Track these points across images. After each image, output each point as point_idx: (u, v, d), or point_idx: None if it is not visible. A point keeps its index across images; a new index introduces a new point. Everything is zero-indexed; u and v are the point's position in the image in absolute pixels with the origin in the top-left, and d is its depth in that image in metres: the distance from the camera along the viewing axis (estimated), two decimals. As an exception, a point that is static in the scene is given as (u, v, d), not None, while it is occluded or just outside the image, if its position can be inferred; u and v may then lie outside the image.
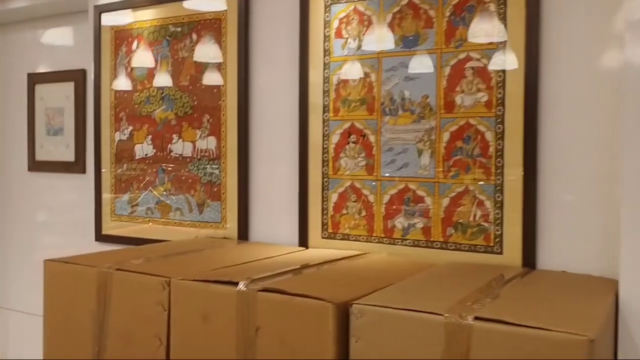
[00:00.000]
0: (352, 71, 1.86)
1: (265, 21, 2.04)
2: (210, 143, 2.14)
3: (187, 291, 1.39)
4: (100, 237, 2.42)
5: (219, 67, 2.11)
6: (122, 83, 2.34)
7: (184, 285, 1.40)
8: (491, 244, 1.67)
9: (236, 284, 1.33)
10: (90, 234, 2.46)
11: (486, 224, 1.67)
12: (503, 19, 1.64)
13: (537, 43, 1.59)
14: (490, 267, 1.60)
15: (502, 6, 1.64)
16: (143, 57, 2.28)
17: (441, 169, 1.73)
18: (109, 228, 2.40)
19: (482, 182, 1.67)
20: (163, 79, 2.24)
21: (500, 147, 1.65)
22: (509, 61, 1.63)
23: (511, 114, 1.63)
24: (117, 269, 1.51)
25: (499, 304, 1.20)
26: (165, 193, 2.25)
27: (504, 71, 1.64)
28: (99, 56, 2.40)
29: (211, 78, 2.13)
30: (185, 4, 2.17)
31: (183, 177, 2.20)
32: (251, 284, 1.32)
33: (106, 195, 2.40)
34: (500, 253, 1.66)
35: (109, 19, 2.37)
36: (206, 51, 2.14)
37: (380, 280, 1.43)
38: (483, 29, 1.66)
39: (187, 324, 1.38)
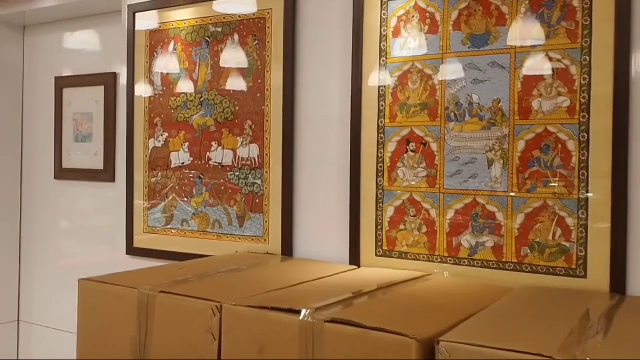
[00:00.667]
0: (412, 73, 1.69)
1: (313, 19, 1.89)
2: (252, 151, 1.99)
3: (241, 318, 1.23)
4: (131, 249, 2.28)
5: (263, 69, 1.96)
6: (158, 87, 2.20)
7: (238, 311, 1.24)
8: (573, 266, 1.49)
9: (298, 312, 1.16)
10: (120, 246, 2.32)
11: (567, 244, 1.50)
12: (589, 14, 1.46)
13: (629, 42, 1.42)
14: (575, 293, 1.42)
15: (587, 1, 1.47)
16: (180, 59, 2.14)
17: (515, 182, 1.56)
18: (141, 240, 2.25)
19: (563, 197, 1.50)
20: (202, 83, 2.09)
21: (584, 158, 1.47)
22: (594, 62, 1.45)
23: (597, 120, 1.45)
24: (161, 291, 1.35)
25: (612, 342, 1.02)
26: (203, 204, 2.10)
27: (589, 73, 1.46)
28: (132, 58, 2.26)
29: (255, 81, 1.98)
30: (215, 6, 2.03)
31: (222, 187, 2.05)
32: (316, 313, 1.15)
33: (138, 206, 2.25)
34: (584, 276, 1.48)
35: (144, 19, 2.23)
36: (248, 52, 1.99)
37: (459, 308, 1.27)
38: (564, 26, 1.49)
39: (241, 355, 1.22)
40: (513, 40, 1.56)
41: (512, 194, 1.56)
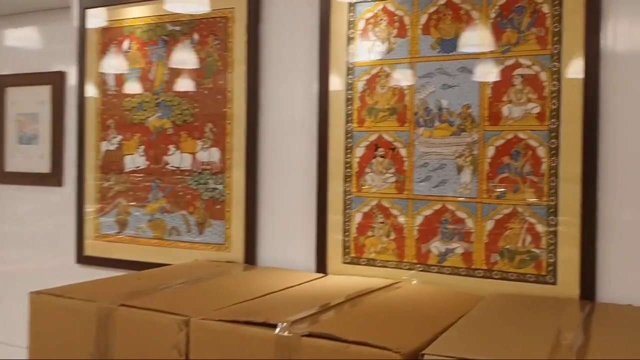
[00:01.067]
0: (381, 77, 1.66)
1: (278, 19, 1.83)
2: (213, 155, 1.91)
3: (211, 334, 1.16)
4: (81, 258, 2.16)
5: (225, 70, 1.89)
6: (111, 87, 2.09)
7: (207, 326, 1.17)
8: (543, 273, 1.49)
9: (274, 326, 1.11)
10: (69, 254, 2.19)
11: (537, 251, 1.49)
12: (558, 21, 1.47)
13: (598, 49, 1.42)
14: (547, 300, 1.42)
15: (557, 7, 1.47)
16: (136, 59, 2.04)
17: (485, 188, 1.54)
18: (92, 248, 2.14)
19: (533, 204, 1.49)
20: (158, 83, 2.00)
21: (554, 164, 1.47)
22: (564, 69, 1.46)
23: (568, 127, 1.46)
24: (121, 305, 1.27)
25: (599, 349, 1.01)
26: (159, 210, 2.00)
27: (559, 79, 1.47)
28: (83, 57, 2.15)
29: (215, 83, 1.90)
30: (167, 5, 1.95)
31: (180, 193, 1.97)
32: (292, 327, 1.10)
33: (90, 212, 2.14)
34: (554, 283, 1.48)
35: (96, 16, 2.12)
36: (209, 53, 1.91)
37: (434, 318, 1.24)
38: (534, 32, 1.49)
39: (210, 373, 1.15)
40: (483, 45, 1.54)
41: (482, 200, 1.55)
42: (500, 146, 1.53)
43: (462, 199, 1.57)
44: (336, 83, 1.71)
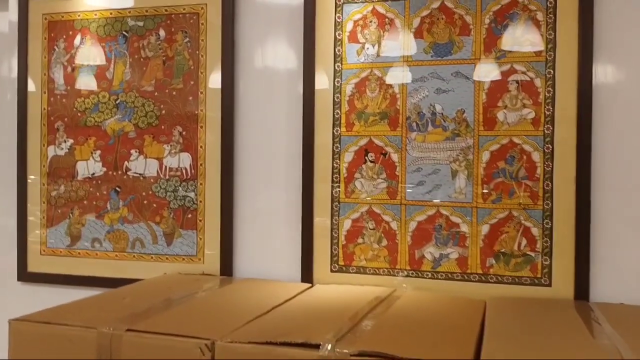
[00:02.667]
0: (371, 81, 1.62)
1: (257, 17, 1.74)
2: (183, 161, 1.79)
3: (240, 357, 1.07)
4: (25, 275, 1.94)
5: (197, 70, 1.77)
6: (60, 86, 1.90)
7: (235, 349, 1.07)
8: (538, 276, 1.52)
9: (315, 346, 1.04)
10: (8, 272, 1.96)
11: (533, 254, 1.52)
12: (552, 29, 1.50)
13: (591, 55, 1.47)
14: (545, 302, 1.44)
15: (551, 15, 1.50)
16: (90, 55, 1.87)
17: (480, 193, 1.55)
18: (37, 264, 1.93)
19: (528, 208, 1.52)
20: (118, 83, 1.84)
21: (549, 169, 1.50)
22: (558, 75, 1.49)
23: (562, 132, 1.49)
24: (129, 329, 1.14)
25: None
26: (120, 220, 1.84)
27: (553, 86, 1.50)
28: (25, 52, 1.93)
29: (186, 83, 1.78)
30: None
31: (145, 202, 1.82)
32: (337, 346, 1.03)
33: (34, 223, 1.93)
34: (549, 285, 1.51)
35: (40, 7, 1.92)
36: (179, 50, 1.79)
37: (462, 327, 1.22)
38: (529, 39, 1.51)
39: (241, 400, 1.06)
40: (477, 50, 1.55)
41: (477, 205, 1.55)
42: (495, 151, 1.54)
43: (456, 203, 1.57)
44: (322, 85, 1.65)
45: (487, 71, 1.54)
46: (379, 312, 1.30)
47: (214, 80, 1.75)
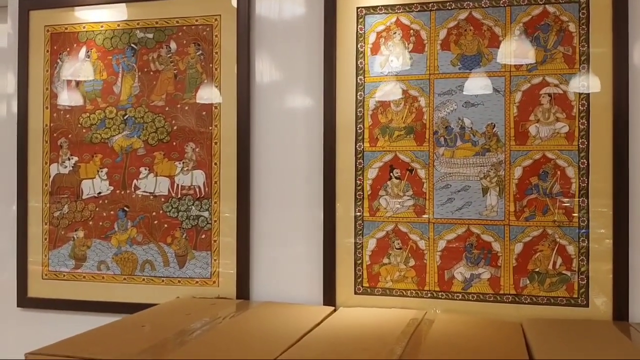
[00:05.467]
0: (395, 94, 1.56)
1: (274, 28, 1.68)
2: (196, 178, 1.71)
3: (284, 392, 0.99)
4: (25, 301, 1.83)
5: (211, 83, 1.69)
6: (64, 101, 1.81)
7: (278, 383, 0.99)
8: (575, 296, 1.46)
9: (368, 379, 0.96)
10: (8, 297, 1.85)
11: (568, 273, 1.46)
12: (586, 40, 1.45)
13: (627, 68, 1.43)
14: (585, 323, 1.39)
15: (583, 26, 1.46)
16: (96, 69, 1.78)
17: (512, 210, 1.49)
18: (39, 289, 1.82)
19: (563, 225, 1.46)
20: (126, 97, 1.76)
21: (584, 185, 1.45)
22: (593, 87, 1.44)
23: (597, 146, 1.44)
24: (158, 363, 1.05)
25: None
26: (128, 242, 1.75)
27: (587, 99, 1.45)
28: (25, 65, 1.84)
29: (200, 97, 1.70)
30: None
31: (155, 222, 1.73)
32: (392, 378, 0.96)
33: (35, 246, 1.82)
34: (586, 305, 1.45)
35: (42, 19, 1.83)
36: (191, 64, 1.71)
37: (510, 353, 1.15)
38: (560, 51, 1.47)
39: None
40: (508, 63, 1.50)
41: (510, 223, 1.49)
42: (528, 166, 1.49)
43: (488, 221, 1.50)
44: (344, 99, 1.59)
45: (517, 84, 1.49)
46: (420, 339, 1.22)
47: (229, 94, 1.67)
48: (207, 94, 1.69)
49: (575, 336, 1.28)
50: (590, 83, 1.45)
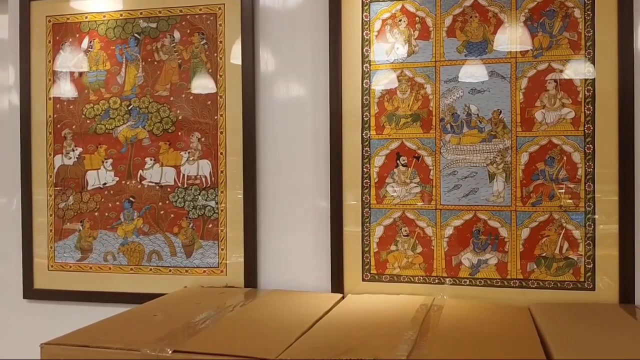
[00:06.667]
0: (401, 81, 1.57)
1: (279, 16, 1.67)
2: (202, 168, 1.71)
3: (303, 378, 1.00)
4: (31, 292, 1.83)
5: (215, 73, 1.69)
6: (67, 92, 1.80)
7: (297, 369, 1.00)
8: (582, 280, 1.47)
9: (386, 363, 0.97)
10: (14, 289, 1.85)
11: (575, 257, 1.48)
12: (591, 26, 1.46)
13: (632, 53, 1.43)
14: (592, 306, 1.40)
15: (589, 12, 1.46)
16: (99, 59, 1.77)
17: (519, 196, 1.50)
18: (45, 280, 1.82)
19: (569, 210, 1.47)
20: (130, 87, 1.75)
21: (590, 170, 1.46)
22: (599, 72, 1.45)
23: (603, 132, 1.45)
24: (175, 351, 1.06)
25: None
26: (135, 232, 1.75)
27: (593, 84, 1.46)
28: (28, 56, 1.83)
29: (204, 86, 1.70)
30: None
31: (162, 212, 1.73)
32: (409, 362, 0.97)
33: (41, 238, 1.82)
34: (592, 289, 1.47)
35: (43, 9, 1.82)
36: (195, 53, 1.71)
37: (522, 336, 1.16)
38: (566, 36, 1.47)
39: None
40: (513, 49, 1.50)
41: (517, 208, 1.50)
42: (534, 152, 1.49)
43: (494, 207, 1.51)
44: (350, 87, 1.59)
45: (523, 70, 1.49)
46: (431, 324, 1.24)
47: (234, 83, 1.67)
48: (212, 83, 1.69)
49: (583, 318, 1.30)
50: (595, 68, 1.46)
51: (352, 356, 0.99)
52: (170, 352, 1.06)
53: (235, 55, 1.67)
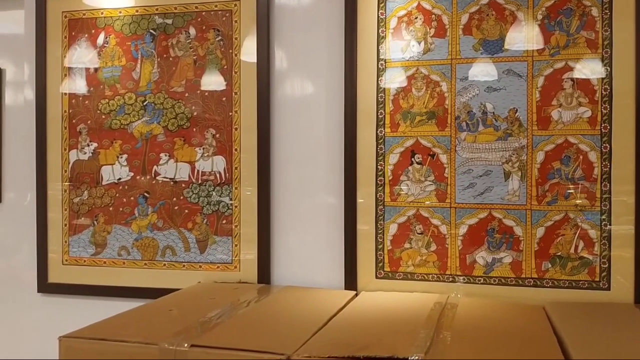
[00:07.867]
0: (417, 79, 1.57)
1: (294, 13, 1.67)
2: (216, 164, 1.71)
3: (320, 373, 1.00)
4: (45, 286, 1.84)
5: (230, 69, 1.69)
6: (82, 87, 1.81)
7: (314, 365, 1.00)
8: (597, 279, 1.47)
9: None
10: (27, 283, 1.86)
11: (590, 257, 1.47)
12: (609, 25, 1.45)
13: (650, 53, 1.43)
14: (607, 306, 1.40)
15: (606, 11, 1.46)
16: (115, 55, 1.78)
17: (535, 194, 1.50)
18: (59, 275, 1.83)
19: (585, 209, 1.47)
20: (145, 83, 1.76)
21: (606, 169, 1.46)
22: (616, 71, 1.45)
23: (620, 131, 1.45)
24: (193, 345, 1.06)
25: None
26: (149, 227, 1.76)
27: (610, 83, 1.45)
28: (43, 51, 1.84)
29: (219, 83, 1.70)
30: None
31: (176, 207, 1.74)
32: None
33: (55, 232, 1.83)
34: (608, 289, 1.46)
35: (59, 5, 1.83)
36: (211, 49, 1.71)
37: (539, 337, 1.16)
38: (583, 35, 1.47)
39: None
40: (530, 48, 1.50)
41: (532, 207, 1.50)
42: (550, 151, 1.49)
43: (510, 206, 1.51)
44: (365, 85, 1.59)
45: (539, 69, 1.49)
46: (447, 322, 1.24)
47: (249, 80, 1.67)
48: (227, 80, 1.69)
49: (599, 318, 1.30)
50: (613, 67, 1.45)
51: (369, 353, 0.99)
52: (187, 346, 1.06)
53: (250, 52, 1.68)
